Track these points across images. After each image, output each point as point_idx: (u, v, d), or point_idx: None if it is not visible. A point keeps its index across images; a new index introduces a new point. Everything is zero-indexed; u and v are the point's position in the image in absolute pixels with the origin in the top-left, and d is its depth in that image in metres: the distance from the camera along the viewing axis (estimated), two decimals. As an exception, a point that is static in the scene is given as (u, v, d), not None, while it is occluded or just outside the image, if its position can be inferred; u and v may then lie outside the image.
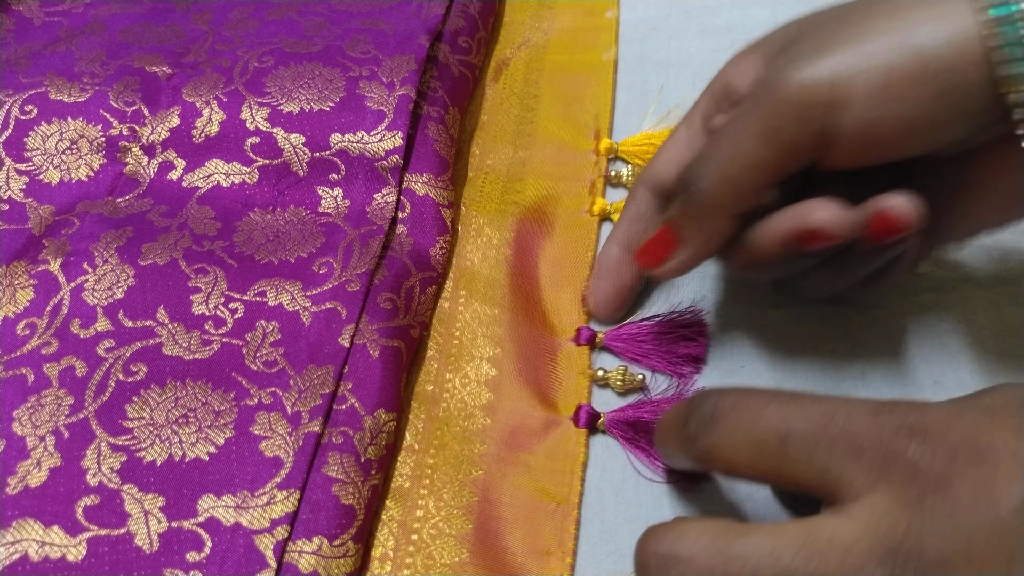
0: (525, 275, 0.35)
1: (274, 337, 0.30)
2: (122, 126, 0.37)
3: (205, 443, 0.28)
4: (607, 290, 0.33)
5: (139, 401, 0.28)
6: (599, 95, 0.42)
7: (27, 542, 0.25)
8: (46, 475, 0.27)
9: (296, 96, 0.36)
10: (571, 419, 0.31)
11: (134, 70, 0.38)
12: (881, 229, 0.24)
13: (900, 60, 0.23)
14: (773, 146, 0.25)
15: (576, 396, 0.31)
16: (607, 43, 0.45)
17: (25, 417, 0.28)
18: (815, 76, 0.24)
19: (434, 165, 0.36)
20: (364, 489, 0.27)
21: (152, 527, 0.26)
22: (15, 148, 0.36)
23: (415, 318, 0.32)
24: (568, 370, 0.32)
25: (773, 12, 0.46)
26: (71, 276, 0.32)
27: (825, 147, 0.25)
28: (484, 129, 0.41)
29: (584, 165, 0.39)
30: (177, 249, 0.32)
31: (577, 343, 0.33)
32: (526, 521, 0.28)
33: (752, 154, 0.25)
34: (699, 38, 0.46)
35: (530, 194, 0.38)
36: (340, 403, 0.29)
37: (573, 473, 0.29)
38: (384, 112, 0.36)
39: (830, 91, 0.24)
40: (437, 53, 0.40)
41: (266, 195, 0.35)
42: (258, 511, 0.26)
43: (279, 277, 0.32)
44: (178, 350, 0.30)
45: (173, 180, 0.36)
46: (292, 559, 0.25)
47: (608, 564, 0.28)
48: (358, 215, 0.35)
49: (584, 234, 0.37)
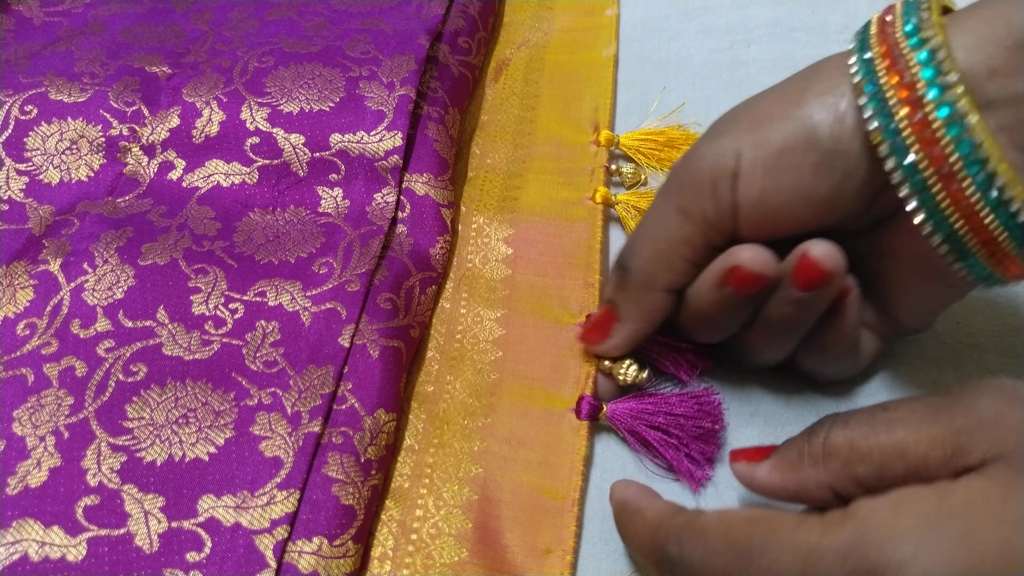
0: (527, 270, 0.35)
1: (274, 337, 0.30)
2: (122, 126, 0.37)
3: (205, 443, 0.28)
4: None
5: (139, 401, 0.28)
6: (599, 91, 0.42)
7: (27, 542, 0.25)
8: (46, 475, 0.27)
9: (296, 96, 0.36)
10: (572, 411, 0.31)
11: (134, 70, 0.38)
12: (804, 271, 0.26)
13: (789, 134, 0.25)
14: (691, 220, 0.27)
15: (579, 388, 0.31)
16: (607, 40, 0.45)
17: (25, 417, 0.28)
18: (717, 151, 0.26)
19: (434, 165, 0.36)
20: (364, 489, 0.27)
21: (152, 527, 0.26)
22: (15, 148, 0.36)
23: (415, 318, 0.32)
24: (573, 360, 0.32)
25: (773, 12, 0.46)
26: (71, 276, 0.32)
27: (735, 219, 0.27)
28: (484, 129, 0.42)
29: (584, 156, 0.39)
30: (177, 249, 0.33)
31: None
32: (526, 519, 0.28)
33: (674, 229, 0.27)
34: (699, 38, 0.46)
35: (530, 190, 0.38)
36: (340, 403, 0.29)
37: (573, 468, 0.29)
38: (384, 112, 0.36)
39: (732, 164, 0.26)
40: (437, 53, 0.40)
41: (266, 195, 0.35)
42: (258, 511, 0.26)
43: (279, 277, 0.32)
44: (178, 350, 0.30)
45: (173, 180, 0.36)
46: (292, 559, 0.25)
47: (608, 564, 0.28)
48: (358, 215, 0.35)
49: (588, 221, 0.37)
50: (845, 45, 0.26)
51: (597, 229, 0.36)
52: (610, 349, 0.31)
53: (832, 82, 0.25)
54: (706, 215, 0.27)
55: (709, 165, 0.27)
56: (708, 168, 0.27)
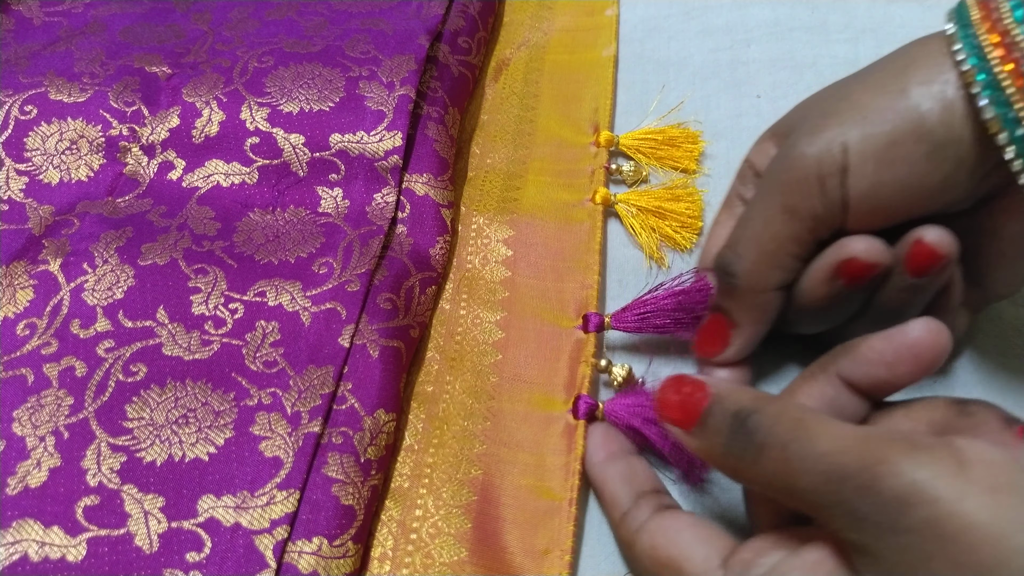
0: (527, 273, 0.35)
1: (274, 337, 0.30)
2: (122, 126, 0.37)
3: (205, 443, 0.28)
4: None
5: (139, 401, 0.28)
6: (599, 91, 0.42)
7: (27, 542, 0.25)
8: (46, 475, 0.27)
9: (296, 96, 0.36)
10: (570, 411, 0.31)
11: (134, 70, 0.38)
12: (919, 257, 0.26)
13: (898, 125, 0.25)
14: (798, 218, 0.27)
15: (575, 389, 0.31)
16: (607, 40, 0.45)
17: (25, 417, 0.28)
18: (823, 147, 0.26)
19: (434, 165, 0.36)
20: (364, 489, 0.27)
21: (152, 527, 0.26)
22: (15, 148, 0.36)
23: (415, 318, 0.32)
24: (572, 362, 0.32)
25: (773, 12, 0.46)
26: (71, 276, 0.32)
27: (844, 212, 0.26)
28: (484, 129, 0.41)
29: (584, 157, 0.39)
30: (177, 249, 0.33)
31: (585, 330, 0.33)
32: (525, 520, 0.28)
33: (781, 228, 0.27)
34: (699, 38, 0.46)
35: (530, 191, 0.38)
36: (340, 403, 0.29)
37: (571, 469, 0.29)
38: (384, 112, 0.36)
39: (840, 159, 0.26)
40: (437, 53, 0.40)
41: (266, 195, 0.35)
42: (258, 511, 0.26)
43: (279, 277, 0.32)
44: (178, 350, 0.30)
45: (173, 180, 0.36)
46: (292, 559, 0.25)
47: (607, 564, 0.28)
48: (358, 215, 0.35)
49: (587, 223, 0.37)
50: (845, 45, 0.26)
51: (597, 231, 0.36)
52: (731, 356, 0.30)
53: (934, 69, 0.25)
54: (814, 212, 0.26)
55: (815, 161, 0.26)
56: (814, 164, 0.26)
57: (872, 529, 0.20)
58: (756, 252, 0.28)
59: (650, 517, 0.26)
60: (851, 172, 0.26)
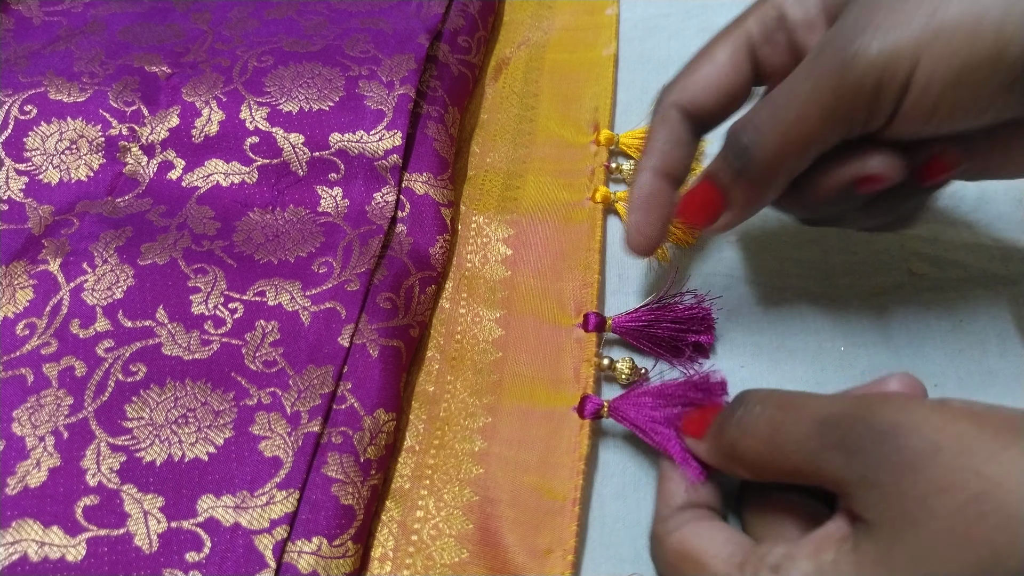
0: (527, 272, 0.35)
1: (273, 337, 0.30)
2: (121, 126, 0.37)
3: (204, 443, 0.27)
4: (647, 222, 0.30)
5: (138, 401, 0.28)
6: (599, 90, 0.42)
7: (26, 542, 0.25)
8: (45, 475, 0.27)
9: (296, 96, 0.36)
10: (574, 410, 0.31)
11: (133, 70, 0.38)
12: (934, 170, 0.26)
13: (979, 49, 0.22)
14: (836, 121, 0.25)
15: (580, 387, 0.31)
16: (607, 40, 0.45)
17: (25, 417, 0.28)
18: (890, 54, 0.23)
19: (434, 164, 0.36)
20: (363, 489, 0.27)
21: (151, 527, 0.26)
22: (15, 148, 0.36)
23: (415, 318, 0.32)
24: (573, 360, 0.32)
25: (773, 11, 0.46)
26: (71, 276, 0.32)
27: (886, 125, 0.25)
28: (484, 128, 0.41)
29: (584, 156, 0.39)
30: (176, 249, 0.32)
31: (585, 329, 0.33)
32: (527, 520, 0.28)
33: (815, 127, 0.25)
34: (699, 37, 0.45)
35: (530, 190, 0.38)
36: (340, 403, 0.29)
37: (574, 468, 0.29)
38: (384, 111, 0.36)
39: (905, 74, 0.23)
40: (437, 52, 0.40)
41: (266, 195, 0.35)
42: (257, 511, 0.26)
43: (278, 277, 0.32)
44: (178, 350, 0.30)
45: (172, 180, 0.36)
46: (291, 559, 0.25)
47: (609, 564, 0.28)
48: (358, 215, 0.34)
49: (587, 222, 0.37)
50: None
51: (596, 231, 0.36)
52: (716, 232, 0.30)
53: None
54: (855, 120, 0.24)
55: (878, 71, 0.23)
56: (876, 73, 0.23)
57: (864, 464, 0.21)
58: (780, 142, 0.25)
59: (688, 522, 0.26)
60: (913, 90, 0.23)
